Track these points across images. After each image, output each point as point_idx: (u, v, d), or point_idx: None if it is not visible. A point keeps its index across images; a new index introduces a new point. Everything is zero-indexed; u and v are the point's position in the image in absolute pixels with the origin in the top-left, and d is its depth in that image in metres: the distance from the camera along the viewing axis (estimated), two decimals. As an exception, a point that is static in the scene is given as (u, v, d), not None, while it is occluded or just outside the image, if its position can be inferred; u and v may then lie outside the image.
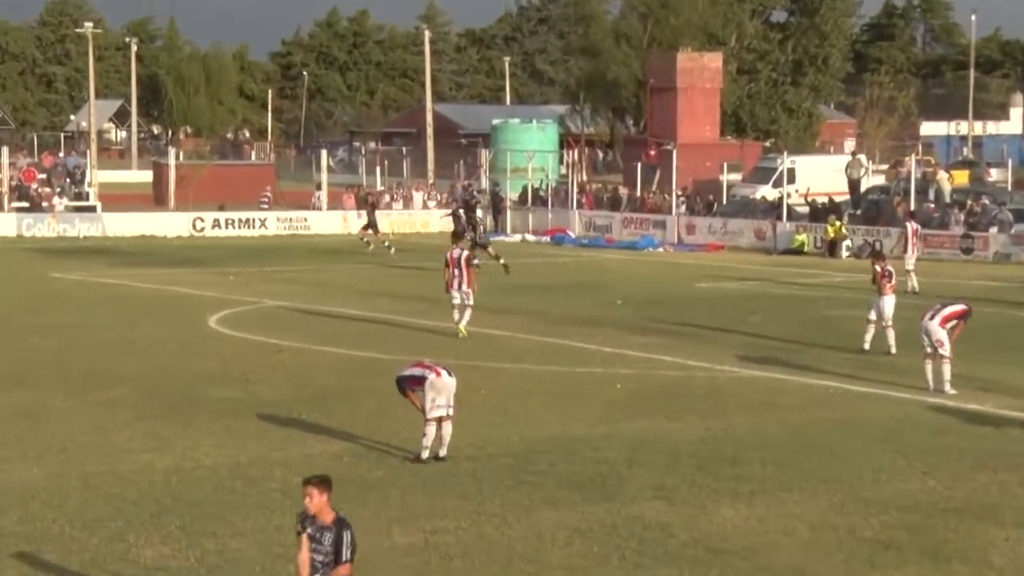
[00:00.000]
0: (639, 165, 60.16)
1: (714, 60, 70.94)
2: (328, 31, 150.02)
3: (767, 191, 55.82)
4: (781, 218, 50.02)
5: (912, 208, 44.30)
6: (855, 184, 52.28)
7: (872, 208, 50.25)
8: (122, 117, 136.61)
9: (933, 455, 17.35)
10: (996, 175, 68.62)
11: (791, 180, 53.76)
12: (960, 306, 21.91)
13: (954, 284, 35.58)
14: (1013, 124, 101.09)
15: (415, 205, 62.75)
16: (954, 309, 21.77)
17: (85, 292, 35.70)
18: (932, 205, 48.62)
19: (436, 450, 16.80)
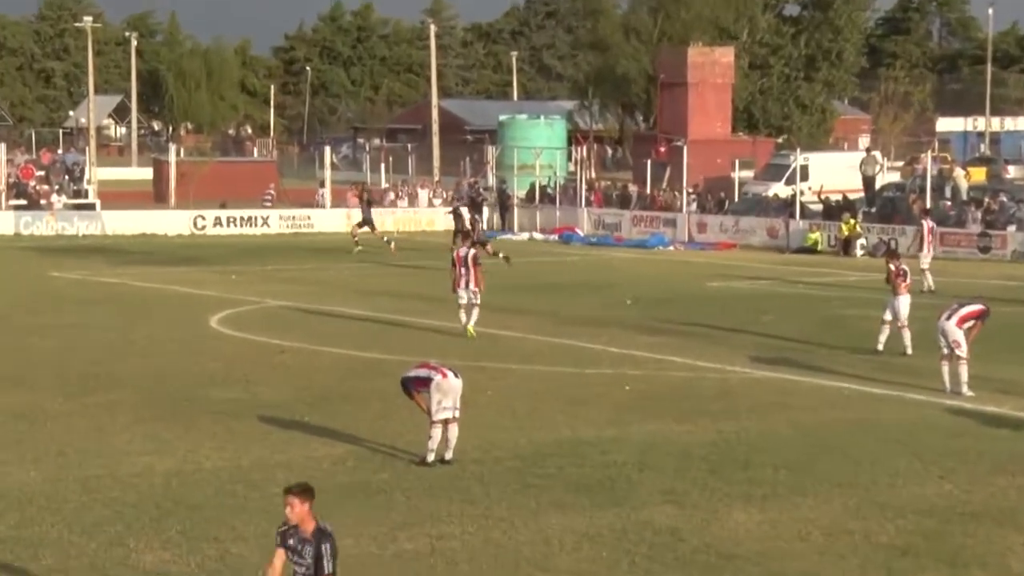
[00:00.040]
0: (649, 162, 60.10)
1: (726, 55, 70.85)
2: (332, 25, 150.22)
3: (780, 188, 55.76)
4: (794, 216, 49.98)
5: (928, 206, 44.25)
6: (870, 181, 52.21)
7: (887, 206, 50.20)
8: (122, 113, 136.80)
9: (950, 458, 17.32)
10: (1014, 172, 68.60)
11: (804, 177, 53.68)
12: (978, 306, 21.89)
13: (971, 283, 35.54)
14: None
15: (420, 203, 62.79)
16: (971, 309, 21.74)
17: (84, 292, 35.74)
18: (948, 203, 48.58)
19: (442, 453, 16.79)
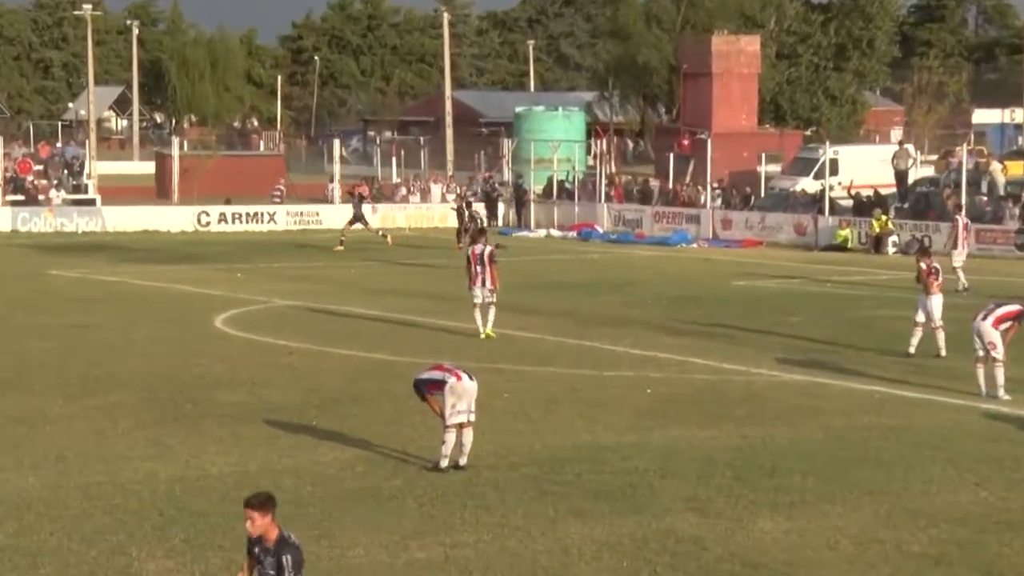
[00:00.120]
0: (671, 156, 60.14)
1: (751, 43, 70.84)
2: (341, 13, 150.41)
3: (808, 183, 55.75)
4: (823, 212, 49.93)
5: (963, 201, 44.18)
6: (902, 176, 52.15)
7: (920, 201, 50.13)
8: (123, 105, 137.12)
9: (986, 464, 17.30)
10: (1053, 166, 68.30)
11: (834, 171, 53.67)
12: (1015, 306, 21.83)
13: (1008, 282, 35.50)
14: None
15: (433, 198, 62.89)
16: (1008, 309, 21.69)
17: (84, 290, 35.86)
18: (985, 198, 48.48)
19: (456, 458, 16.82)
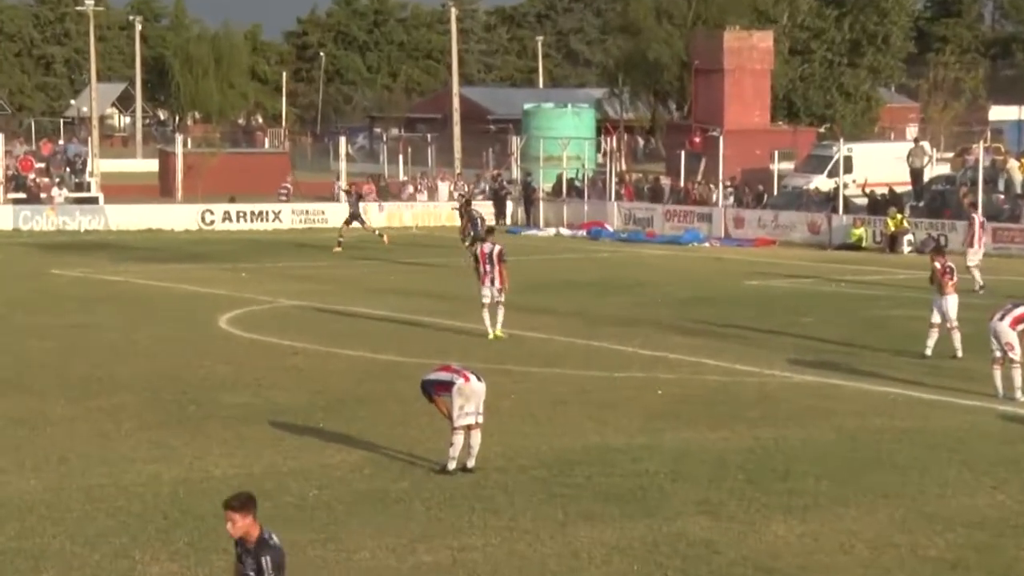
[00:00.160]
0: (683, 153, 60.10)
1: (764, 39, 70.76)
2: (347, 9, 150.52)
3: (822, 181, 55.68)
4: (837, 210, 49.90)
5: (979, 199, 44.14)
6: (918, 174, 52.08)
7: (936, 200, 50.07)
8: (126, 102, 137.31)
9: (1003, 467, 17.29)
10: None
11: (848, 169, 53.56)
12: (1033, 306, 21.79)
13: (1025, 282, 35.45)
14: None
15: (440, 196, 62.89)
16: (1026, 309, 21.64)
17: (86, 290, 35.91)
18: (1002, 196, 48.43)
19: (464, 461, 16.83)
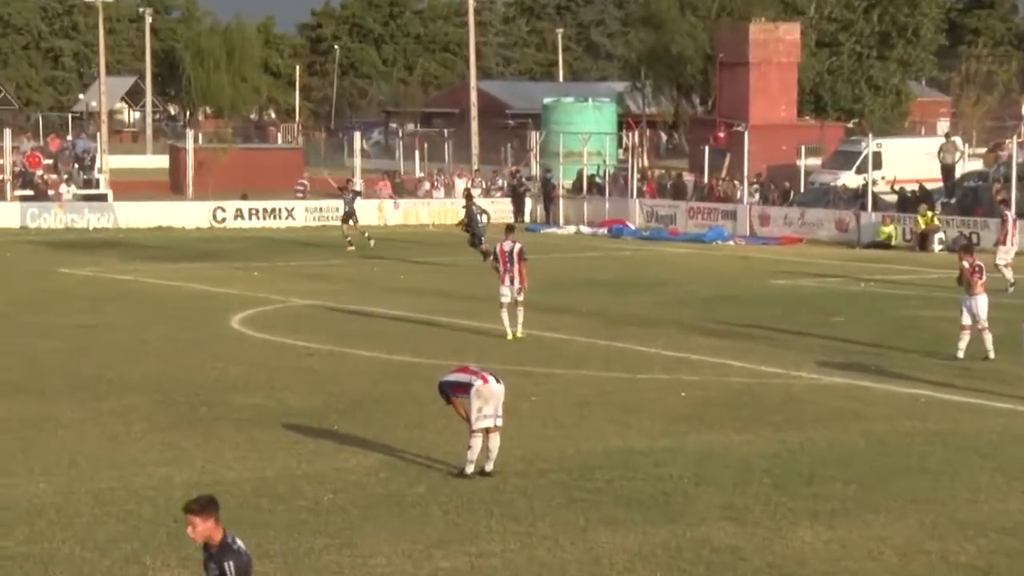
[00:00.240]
0: (707, 149, 60.04)
1: (791, 31, 70.63)
2: (362, 0, 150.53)
3: (850, 178, 55.58)
4: (866, 208, 49.80)
5: (1013, 196, 43.97)
6: (949, 170, 51.93)
7: (968, 196, 49.93)
8: (135, 96, 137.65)
9: (1036, 472, 17.27)
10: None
11: (877, 165, 53.47)
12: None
13: (1060, 281, 35.32)
14: None
15: (457, 193, 62.81)
16: (1060, 310, 21.62)
17: (95, 289, 36.01)
18: (1036, 193, 48.24)
19: (482, 464, 16.86)
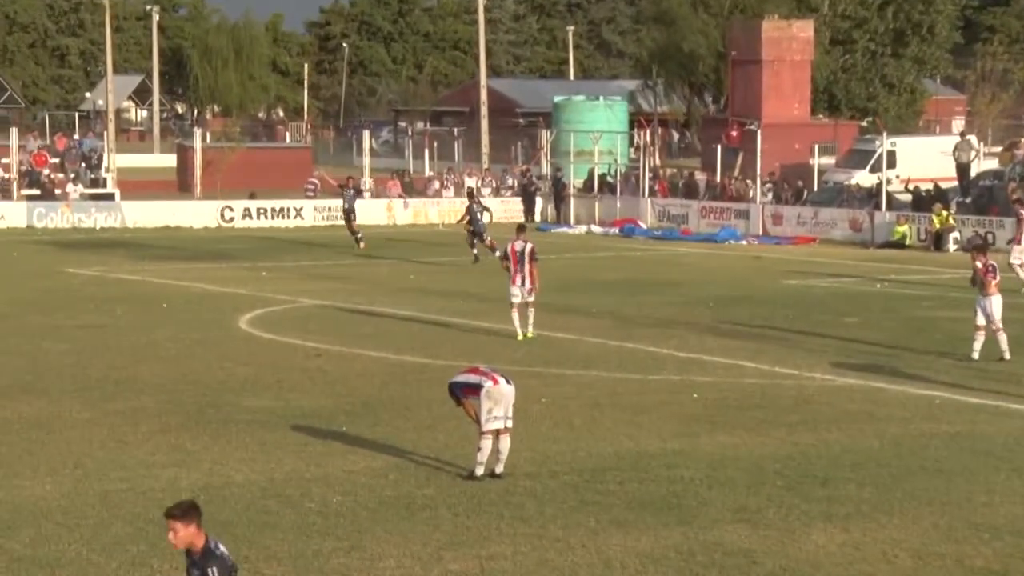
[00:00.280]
0: (719, 148, 59.99)
1: (804, 29, 70.53)
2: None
3: (864, 177, 55.52)
4: (880, 207, 49.76)
5: (1027, 195, 43.88)
6: (964, 169, 51.88)
7: (984, 196, 49.89)
8: (143, 95, 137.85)
9: (1052, 475, 17.24)
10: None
11: (891, 164, 53.43)
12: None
13: (1077, 282, 35.26)
14: None
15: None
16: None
17: (102, 289, 36.05)
18: (1052, 192, 48.19)
19: (492, 466, 16.86)
